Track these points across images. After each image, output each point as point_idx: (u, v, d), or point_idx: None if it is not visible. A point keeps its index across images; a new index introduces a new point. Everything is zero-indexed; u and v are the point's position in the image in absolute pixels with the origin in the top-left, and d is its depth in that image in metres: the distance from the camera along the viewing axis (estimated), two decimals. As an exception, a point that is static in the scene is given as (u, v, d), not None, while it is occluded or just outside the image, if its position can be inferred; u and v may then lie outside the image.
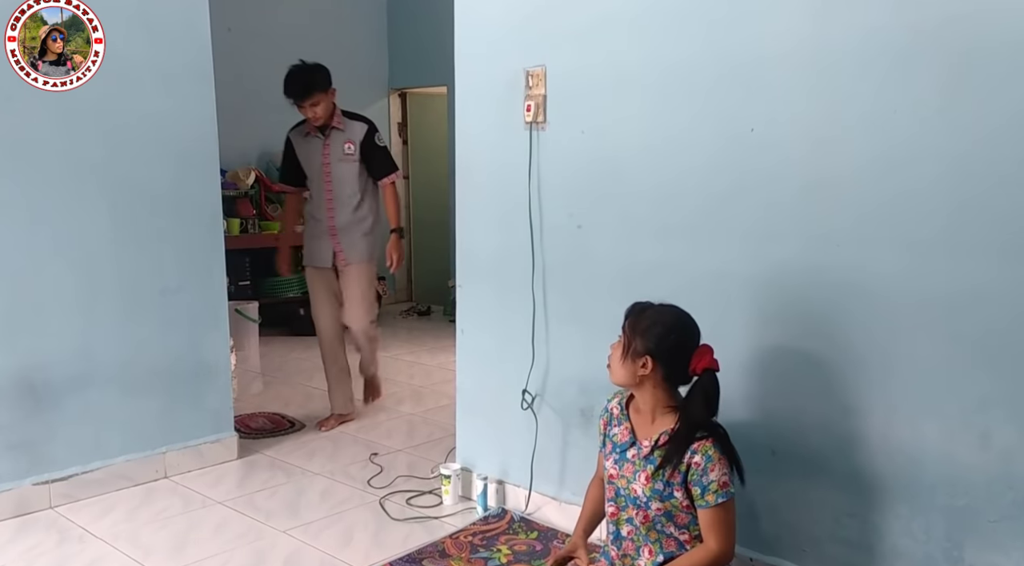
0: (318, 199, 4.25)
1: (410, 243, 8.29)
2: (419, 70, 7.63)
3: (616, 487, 2.28)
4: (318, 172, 4.21)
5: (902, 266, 2.24)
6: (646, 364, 2.18)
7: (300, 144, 4.26)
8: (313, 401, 4.88)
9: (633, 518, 2.25)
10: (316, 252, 4.31)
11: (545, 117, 2.98)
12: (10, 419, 3.18)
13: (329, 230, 4.23)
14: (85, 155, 3.29)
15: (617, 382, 2.28)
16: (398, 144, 8.14)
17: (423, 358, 6.02)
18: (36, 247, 3.20)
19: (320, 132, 4.17)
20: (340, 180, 4.19)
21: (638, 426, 2.28)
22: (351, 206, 4.23)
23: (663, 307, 2.25)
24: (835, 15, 2.30)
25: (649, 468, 2.19)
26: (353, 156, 4.19)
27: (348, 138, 4.18)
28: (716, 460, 2.12)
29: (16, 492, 3.20)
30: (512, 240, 3.12)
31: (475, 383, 3.38)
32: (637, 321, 2.23)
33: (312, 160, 4.22)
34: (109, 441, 3.43)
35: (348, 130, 4.20)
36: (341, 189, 4.20)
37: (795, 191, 2.41)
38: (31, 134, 3.15)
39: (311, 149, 4.22)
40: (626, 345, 2.22)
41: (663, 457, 2.17)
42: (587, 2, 2.84)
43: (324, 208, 4.22)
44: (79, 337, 3.33)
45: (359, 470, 3.76)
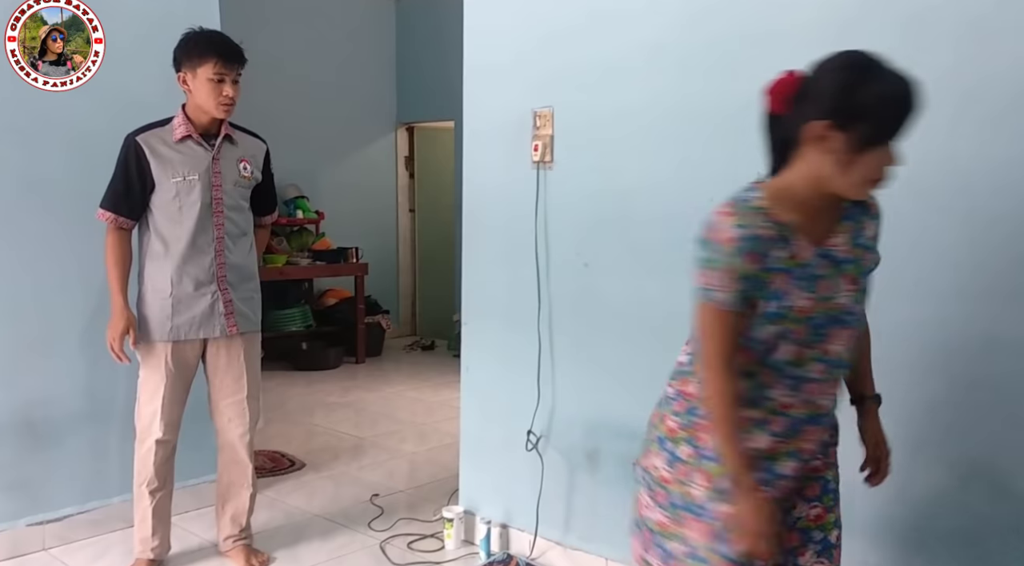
0: (196, 235, 2.85)
1: (414, 276, 8.28)
2: (427, 104, 7.66)
3: (807, 325, 1.64)
4: (200, 198, 2.84)
5: (910, 314, 2.19)
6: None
7: (160, 152, 2.81)
8: (315, 439, 4.81)
9: (831, 348, 1.68)
10: (183, 317, 2.87)
11: (552, 157, 2.97)
12: (7, 457, 3.13)
13: (218, 282, 2.91)
14: (90, 182, 3.25)
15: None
16: (404, 177, 8.16)
17: (426, 394, 5.96)
18: (41, 281, 3.17)
19: (204, 139, 2.89)
20: (231, 211, 2.92)
21: (812, 233, 1.65)
22: (244, 249, 2.99)
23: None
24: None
25: (849, 268, 1.67)
26: (250, 181, 2.98)
27: (243, 155, 2.96)
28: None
29: (9, 534, 3.13)
30: (518, 278, 3.09)
31: (479, 423, 3.33)
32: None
33: (189, 179, 2.83)
34: (107, 481, 3.37)
35: (242, 144, 2.98)
36: (234, 225, 2.94)
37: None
38: (43, 170, 3.13)
39: (188, 162, 2.84)
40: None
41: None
42: (595, 45, 2.85)
43: (207, 251, 2.88)
44: (82, 375, 3.28)
45: (360, 512, 3.68)
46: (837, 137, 1.54)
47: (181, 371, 2.92)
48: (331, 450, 4.60)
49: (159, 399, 2.88)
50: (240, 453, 3.06)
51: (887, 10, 2.24)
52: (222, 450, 3.09)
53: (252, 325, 3.02)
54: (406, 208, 8.20)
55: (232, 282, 2.94)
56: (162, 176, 2.81)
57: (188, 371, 2.96)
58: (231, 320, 2.93)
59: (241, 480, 3.09)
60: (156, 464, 2.93)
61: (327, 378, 6.42)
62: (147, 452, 2.92)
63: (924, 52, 2.16)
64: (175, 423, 2.95)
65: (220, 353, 2.97)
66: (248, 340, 3.02)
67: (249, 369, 3.03)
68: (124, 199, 2.83)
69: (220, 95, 2.79)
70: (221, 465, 3.11)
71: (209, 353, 2.98)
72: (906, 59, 1.58)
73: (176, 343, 2.88)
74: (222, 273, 2.91)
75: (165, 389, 2.88)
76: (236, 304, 2.95)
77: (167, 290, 2.84)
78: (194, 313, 2.87)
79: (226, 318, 2.92)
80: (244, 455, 3.06)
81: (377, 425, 5.14)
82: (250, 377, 3.03)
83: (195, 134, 2.85)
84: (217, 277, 2.90)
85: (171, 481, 3.04)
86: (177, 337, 2.87)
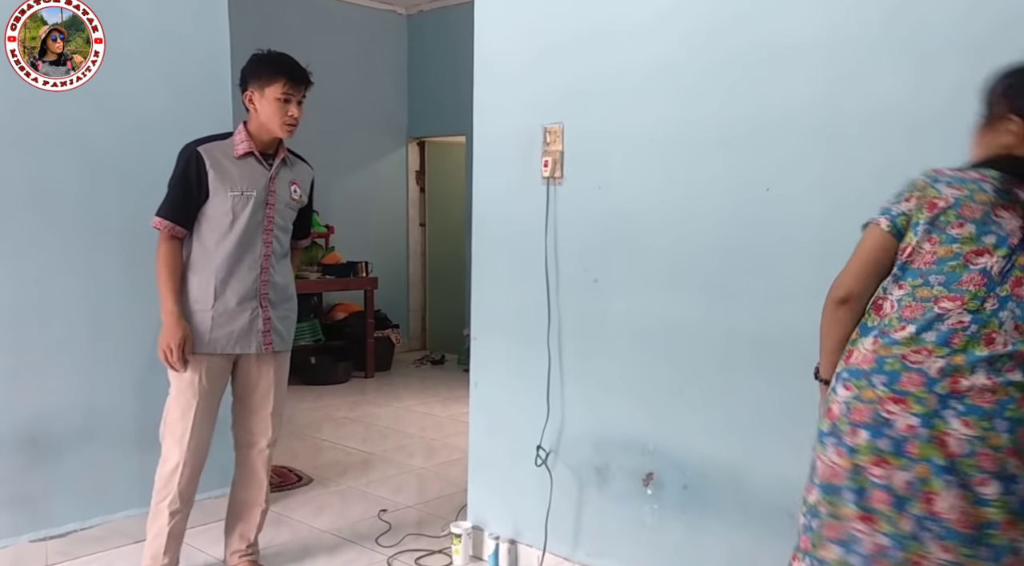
0: (243, 250, 2.84)
1: (424, 291, 8.27)
2: (438, 119, 7.67)
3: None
4: (254, 214, 2.84)
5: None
6: (1013, 129, 1.70)
7: (221, 165, 2.81)
8: (323, 453, 4.78)
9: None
10: (223, 331, 2.84)
11: (562, 173, 2.96)
12: (9, 473, 3.11)
13: (260, 299, 2.91)
14: (102, 202, 3.26)
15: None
16: (415, 192, 8.17)
17: (435, 409, 5.93)
18: (46, 297, 3.16)
19: (264, 158, 2.90)
20: (279, 231, 2.93)
21: None
22: (285, 269, 3.02)
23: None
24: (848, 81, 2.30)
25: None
26: (298, 204, 3.01)
27: (295, 178, 3.00)
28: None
29: (11, 550, 3.11)
30: (528, 293, 3.07)
31: (488, 438, 3.30)
32: (1000, 83, 1.75)
33: (247, 194, 2.82)
34: (109, 497, 3.34)
35: (295, 168, 3.02)
36: (280, 245, 2.95)
37: (811, 252, 2.37)
38: (51, 180, 3.13)
39: (248, 178, 2.83)
40: (986, 113, 1.77)
41: None
42: (606, 62, 2.85)
43: (253, 268, 2.87)
44: (84, 390, 3.26)
45: (368, 527, 3.65)
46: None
47: (213, 386, 2.88)
48: (339, 465, 4.57)
49: (191, 418, 2.83)
50: (258, 470, 3.03)
51: (887, 30, 2.23)
52: (239, 465, 3.05)
53: (286, 344, 3.02)
54: (416, 222, 8.20)
55: (273, 300, 2.93)
56: (220, 188, 2.79)
57: (219, 388, 2.92)
58: (268, 338, 2.92)
59: (256, 497, 3.05)
60: (182, 485, 2.86)
61: (336, 392, 6.40)
62: (172, 471, 2.85)
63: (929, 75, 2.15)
64: (205, 443, 2.90)
65: (252, 369, 2.95)
66: (280, 358, 3.02)
67: (277, 386, 3.02)
68: (183, 208, 2.80)
69: (286, 115, 2.82)
70: (236, 480, 3.06)
71: (240, 368, 2.95)
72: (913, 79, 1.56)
73: (211, 357, 2.84)
74: (265, 291, 2.90)
75: (197, 408, 2.83)
76: (274, 322, 2.93)
77: (209, 303, 2.81)
78: (233, 328, 2.85)
79: (263, 335, 2.90)
80: (262, 472, 3.04)
81: (386, 440, 5.11)
82: (277, 394, 3.02)
83: (256, 152, 2.86)
84: (260, 294, 2.89)
85: (192, 504, 2.97)
86: (214, 350, 2.83)
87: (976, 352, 1.61)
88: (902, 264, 1.69)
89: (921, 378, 1.61)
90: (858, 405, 1.64)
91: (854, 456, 1.63)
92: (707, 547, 2.67)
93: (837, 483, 1.66)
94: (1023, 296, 1.62)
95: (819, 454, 1.74)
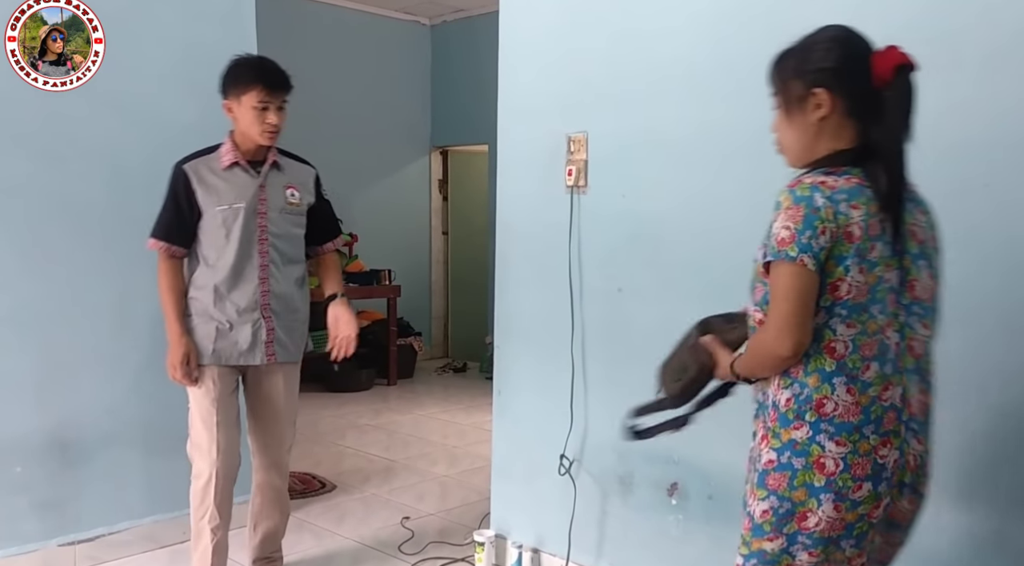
0: (240, 263, 2.80)
1: (447, 299, 8.29)
2: (461, 128, 7.70)
3: None
4: (246, 225, 2.78)
5: (954, 341, 2.13)
6: (820, 100, 1.62)
7: (207, 181, 2.78)
8: (346, 460, 4.80)
9: None
10: (227, 342, 2.82)
11: (586, 181, 2.97)
12: (39, 478, 3.15)
13: (262, 309, 2.84)
14: (130, 210, 3.29)
15: (795, 159, 1.72)
16: (438, 200, 8.20)
17: (458, 417, 5.93)
18: (75, 304, 3.20)
19: (252, 166, 2.84)
20: (280, 239, 2.86)
21: None
22: (292, 278, 2.94)
23: (809, 34, 1.69)
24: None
25: None
26: (299, 208, 2.91)
27: (290, 182, 2.89)
28: (784, 209, 1.56)
29: (41, 553, 3.15)
30: (551, 301, 3.07)
31: (511, 446, 3.30)
32: (782, 64, 1.71)
33: (235, 207, 2.77)
34: (136, 502, 3.38)
35: (289, 171, 2.91)
36: (281, 252, 2.87)
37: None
38: (79, 190, 3.17)
39: (235, 190, 2.79)
40: (784, 99, 1.70)
41: None
42: (629, 70, 2.85)
43: (251, 279, 2.82)
44: (110, 395, 3.30)
45: (390, 535, 3.66)
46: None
47: (227, 390, 2.86)
48: (362, 472, 4.59)
49: (213, 424, 2.81)
50: (274, 478, 3.00)
51: (917, 27, 2.22)
52: (256, 472, 3.02)
53: (291, 356, 2.95)
54: (439, 231, 8.23)
55: (276, 310, 2.86)
56: (208, 204, 2.77)
57: (233, 396, 2.90)
58: (271, 349, 2.86)
59: (275, 504, 3.03)
60: (217, 500, 2.82)
61: (359, 400, 6.42)
62: (206, 486, 2.82)
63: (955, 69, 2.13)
64: (233, 448, 2.88)
65: (259, 379, 2.92)
66: (287, 370, 2.95)
67: (286, 397, 2.96)
68: (176, 228, 2.80)
69: (264, 122, 2.74)
70: (255, 487, 3.04)
71: (249, 379, 2.93)
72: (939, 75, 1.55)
73: (221, 368, 2.83)
74: (266, 301, 2.84)
75: (218, 412, 2.81)
76: (278, 333, 2.87)
77: (212, 316, 2.80)
78: (237, 339, 2.82)
79: (267, 346, 2.85)
80: (278, 480, 3.01)
81: (408, 447, 5.13)
82: (286, 404, 2.97)
83: (242, 161, 2.80)
84: (261, 305, 2.83)
85: (230, 515, 2.91)
86: (219, 361, 2.81)
87: (909, 366, 1.62)
88: (844, 302, 1.55)
89: (895, 414, 1.59)
90: (857, 460, 1.57)
91: (857, 508, 1.59)
92: (732, 559, 2.65)
93: (836, 534, 1.59)
94: (918, 295, 1.62)
95: (808, 509, 1.59)
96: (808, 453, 1.58)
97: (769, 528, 1.61)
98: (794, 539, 1.60)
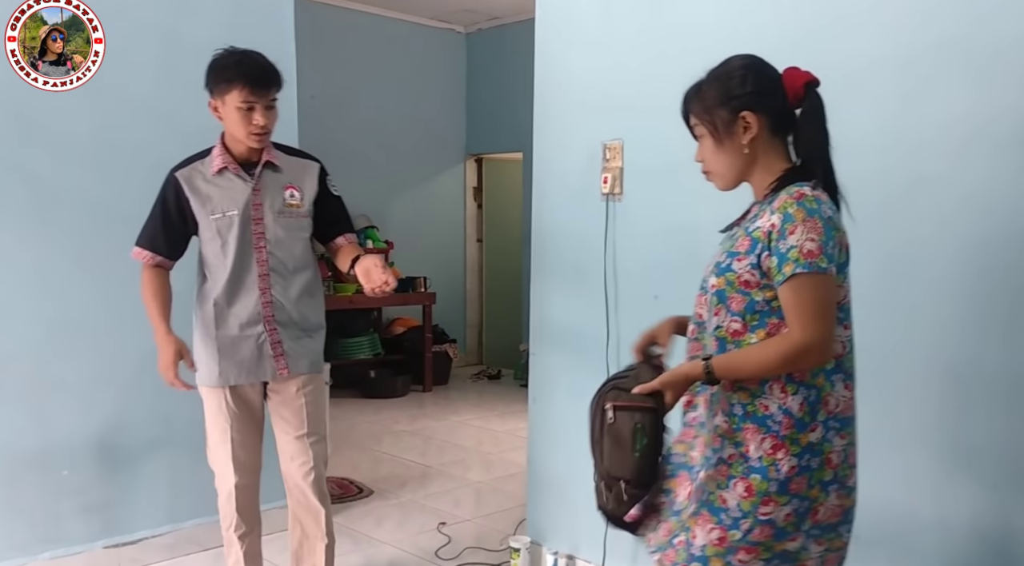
0: (238, 273, 2.62)
1: (481, 306, 8.33)
2: (495, 136, 7.74)
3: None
4: (242, 233, 2.60)
5: (991, 346, 2.11)
6: (748, 123, 1.72)
7: (199, 189, 2.60)
8: (382, 466, 4.84)
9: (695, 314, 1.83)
10: (231, 361, 2.64)
11: (622, 189, 2.97)
12: (85, 481, 3.23)
13: (264, 322, 2.64)
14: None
15: (726, 181, 1.82)
16: (473, 208, 8.24)
17: (492, 423, 5.96)
18: (121, 311, 3.26)
19: (244, 169, 2.63)
20: (280, 245, 2.64)
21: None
22: (298, 285, 2.69)
23: (717, 66, 1.80)
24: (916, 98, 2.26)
25: (727, 243, 1.80)
26: (301, 209, 2.67)
27: (290, 181, 2.66)
28: (800, 221, 1.59)
29: (87, 555, 3.22)
30: (587, 309, 3.08)
31: (547, 453, 3.31)
32: (702, 95, 1.78)
33: (229, 215, 2.60)
34: (179, 505, 3.44)
35: (289, 170, 2.68)
36: (282, 260, 2.65)
37: (877, 272, 2.33)
38: (121, 196, 3.24)
39: (227, 196, 2.60)
40: (712, 128, 1.76)
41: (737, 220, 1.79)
42: (665, 77, 2.83)
43: (252, 289, 2.63)
44: (156, 400, 3.35)
45: (427, 540, 3.69)
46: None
47: (245, 412, 2.70)
48: (398, 478, 4.63)
49: (228, 443, 2.69)
50: (310, 498, 2.76)
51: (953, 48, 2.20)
52: (290, 494, 2.81)
53: (307, 367, 2.72)
54: (474, 238, 8.28)
55: (281, 321, 2.65)
56: (202, 214, 2.60)
57: (254, 412, 2.73)
58: (281, 362, 2.66)
59: (315, 532, 2.79)
60: (240, 509, 2.74)
61: (395, 406, 6.47)
62: (228, 498, 2.75)
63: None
64: (250, 465, 2.75)
65: (278, 392, 2.73)
66: (305, 381, 2.73)
67: (309, 408, 2.73)
68: (162, 237, 2.63)
69: (250, 124, 2.51)
70: (291, 513, 2.83)
71: (269, 392, 2.75)
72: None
73: (232, 388, 2.67)
74: (269, 312, 2.63)
75: (232, 432, 2.68)
76: (286, 345, 2.66)
77: (212, 333, 2.64)
78: (242, 356, 2.62)
79: (275, 360, 2.65)
80: (314, 500, 2.76)
81: (443, 453, 5.16)
82: (310, 416, 2.74)
83: (232, 165, 2.59)
84: (264, 317, 2.63)
85: (259, 522, 2.84)
86: (227, 382, 2.64)
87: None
88: (843, 306, 1.68)
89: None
90: (852, 450, 1.70)
91: (852, 495, 1.71)
92: None
93: (836, 521, 1.69)
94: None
95: (820, 503, 1.65)
96: (822, 452, 1.65)
97: (792, 529, 1.65)
98: (810, 533, 1.67)
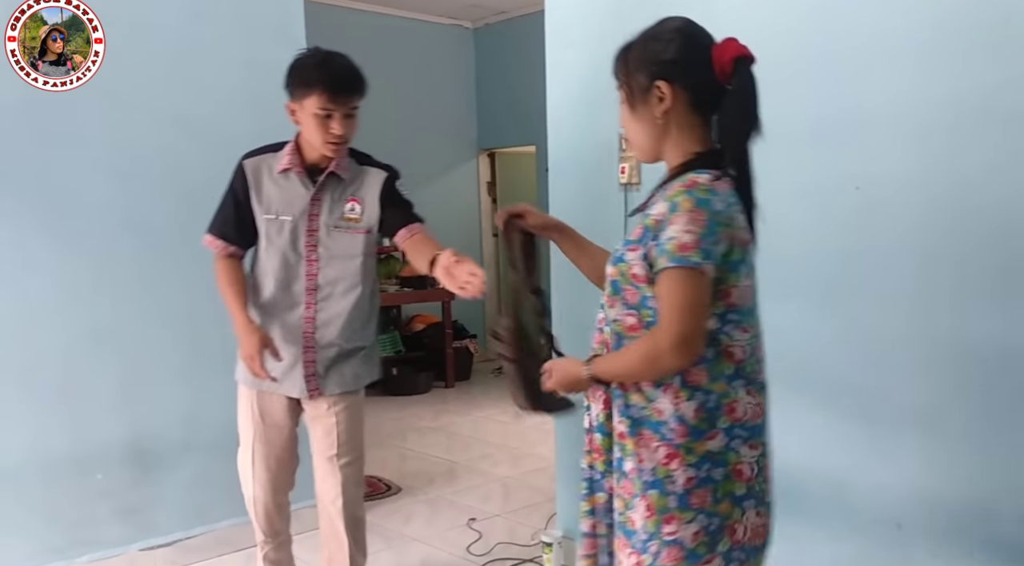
0: (283, 283, 2.50)
1: (499, 301, 8.32)
2: (508, 130, 7.74)
3: None
4: (293, 240, 2.48)
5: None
6: (662, 93, 1.58)
7: (262, 183, 2.49)
8: (409, 463, 4.86)
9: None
10: (267, 365, 2.44)
11: (640, 179, 2.96)
12: (120, 485, 3.27)
13: (304, 339, 2.50)
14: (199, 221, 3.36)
15: (643, 154, 1.68)
16: (487, 203, 8.25)
17: (516, 418, 5.96)
18: (148, 316, 3.30)
19: (308, 175, 2.49)
20: (332, 260, 2.49)
21: None
22: (345, 305, 2.50)
23: (653, 25, 1.67)
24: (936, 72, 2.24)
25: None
26: (360, 224, 2.50)
27: (354, 194, 2.51)
28: (685, 211, 1.46)
29: (124, 558, 3.27)
30: (609, 300, 3.07)
31: (575, 447, 3.23)
32: (627, 56, 1.66)
33: (282, 218, 2.48)
34: (212, 507, 3.47)
35: (353, 181, 2.52)
36: (330, 276, 2.49)
37: (907, 253, 2.32)
38: (147, 204, 3.25)
39: (284, 198, 2.48)
40: (628, 92, 1.65)
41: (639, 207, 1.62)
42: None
43: (297, 302, 2.50)
44: (186, 404, 3.40)
45: (457, 536, 3.70)
46: None
47: (271, 425, 2.57)
48: (425, 474, 4.64)
49: (250, 451, 2.59)
50: (336, 524, 2.59)
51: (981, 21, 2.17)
52: (321, 515, 2.66)
53: (340, 387, 2.55)
54: (489, 233, 8.28)
55: (321, 341, 2.49)
56: (258, 210, 2.48)
57: (280, 428, 2.59)
58: (312, 383, 2.51)
59: (340, 558, 2.63)
60: (259, 518, 2.65)
61: (418, 402, 6.49)
62: (251, 504, 2.65)
63: None
64: (270, 484, 2.60)
65: (310, 408, 2.59)
66: (337, 399, 2.55)
67: (340, 428, 2.56)
68: (233, 226, 2.50)
69: (327, 132, 2.37)
70: (321, 533, 2.68)
71: (304, 405, 2.61)
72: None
73: (260, 393, 2.55)
74: (309, 329, 2.48)
75: (255, 442, 2.58)
76: (319, 366, 2.50)
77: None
78: (277, 366, 2.46)
79: (306, 381, 2.51)
80: (341, 527, 2.59)
81: (469, 449, 5.17)
82: (341, 436, 2.56)
83: (298, 168, 2.46)
84: (304, 334, 2.49)
85: (286, 530, 2.72)
86: (259, 387, 2.52)
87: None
88: (737, 308, 1.53)
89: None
90: (765, 462, 1.58)
91: (771, 511, 1.58)
92: (805, 559, 2.62)
93: (761, 543, 1.57)
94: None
95: (735, 521, 1.52)
96: (726, 462, 1.52)
97: (704, 550, 1.51)
98: (729, 556, 1.53)
